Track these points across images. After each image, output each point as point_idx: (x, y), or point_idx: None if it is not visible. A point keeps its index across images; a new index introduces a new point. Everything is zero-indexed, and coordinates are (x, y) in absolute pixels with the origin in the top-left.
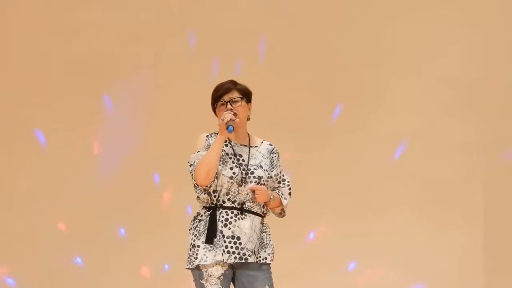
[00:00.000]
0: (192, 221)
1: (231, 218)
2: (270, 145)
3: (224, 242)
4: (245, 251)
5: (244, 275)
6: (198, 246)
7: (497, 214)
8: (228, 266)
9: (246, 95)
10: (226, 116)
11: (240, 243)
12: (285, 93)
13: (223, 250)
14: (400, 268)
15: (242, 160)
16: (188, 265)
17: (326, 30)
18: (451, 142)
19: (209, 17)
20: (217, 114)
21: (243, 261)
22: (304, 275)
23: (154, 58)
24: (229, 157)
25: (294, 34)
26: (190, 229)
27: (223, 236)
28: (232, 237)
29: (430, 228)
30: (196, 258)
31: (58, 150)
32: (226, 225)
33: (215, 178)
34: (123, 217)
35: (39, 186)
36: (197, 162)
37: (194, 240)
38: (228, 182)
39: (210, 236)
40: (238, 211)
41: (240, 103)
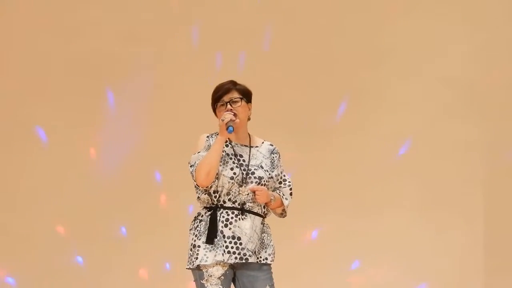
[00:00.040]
0: (192, 221)
1: (232, 218)
2: (271, 145)
3: (224, 242)
4: (245, 252)
5: (244, 275)
6: (199, 246)
7: (497, 214)
8: (228, 266)
9: (246, 95)
10: (226, 116)
11: (240, 244)
12: (285, 93)
13: (224, 250)
14: (400, 268)
15: (243, 160)
16: (188, 265)
17: (326, 30)
18: (452, 142)
19: (209, 17)
20: (217, 115)
21: (244, 261)
22: (304, 275)
23: (154, 58)
24: (229, 157)
25: (294, 34)
26: (190, 229)
27: (224, 236)
28: (232, 237)
29: (430, 228)
30: (196, 258)
31: (59, 149)
32: (226, 225)
33: (216, 178)
34: (124, 216)
35: (39, 186)
36: (197, 162)
37: (195, 240)
38: (228, 182)
39: (211, 236)
40: (239, 212)
41: (240, 103)
